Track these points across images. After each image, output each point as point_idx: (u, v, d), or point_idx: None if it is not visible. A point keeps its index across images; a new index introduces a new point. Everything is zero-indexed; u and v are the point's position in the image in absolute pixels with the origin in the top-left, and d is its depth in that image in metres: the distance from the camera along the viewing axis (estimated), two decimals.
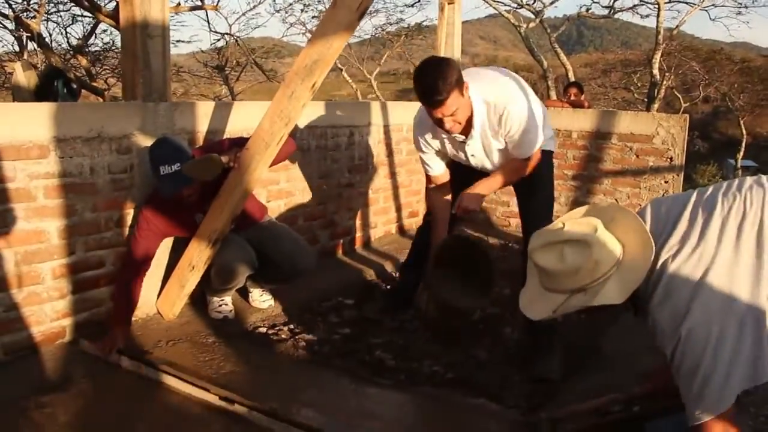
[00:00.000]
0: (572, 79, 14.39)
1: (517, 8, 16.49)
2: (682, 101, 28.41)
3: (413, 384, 2.76)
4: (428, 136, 3.00)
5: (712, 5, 17.11)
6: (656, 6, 15.63)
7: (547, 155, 3.05)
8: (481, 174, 3.06)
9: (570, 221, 1.86)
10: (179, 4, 11.20)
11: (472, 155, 2.97)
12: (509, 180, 3.00)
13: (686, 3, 17.01)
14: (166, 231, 3.07)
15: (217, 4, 11.78)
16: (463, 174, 3.09)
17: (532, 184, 3.04)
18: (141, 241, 2.99)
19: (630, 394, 2.27)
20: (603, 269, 1.75)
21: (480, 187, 2.94)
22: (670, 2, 16.54)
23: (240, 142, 2.99)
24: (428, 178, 3.17)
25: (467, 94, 2.69)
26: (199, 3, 11.62)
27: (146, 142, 3.07)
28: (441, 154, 3.06)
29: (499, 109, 2.77)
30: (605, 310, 1.87)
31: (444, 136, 2.92)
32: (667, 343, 1.71)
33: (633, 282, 1.75)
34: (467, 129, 2.82)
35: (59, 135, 2.76)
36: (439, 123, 2.71)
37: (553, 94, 14.73)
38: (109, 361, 2.76)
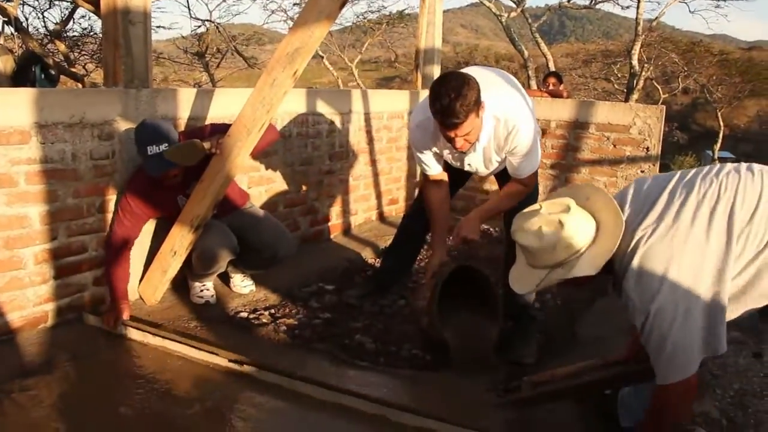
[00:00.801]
0: (552, 68, 14.48)
1: None
2: (661, 92, 28.66)
3: (393, 366, 2.82)
4: (427, 141, 2.90)
5: None
6: None
7: None
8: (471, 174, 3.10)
9: (546, 202, 1.98)
10: None
11: (469, 164, 2.95)
12: (508, 205, 2.97)
13: None
14: (149, 212, 3.11)
15: None
16: (456, 173, 3.11)
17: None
18: (125, 222, 3.04)
19: (605, 359, 2.39)
20: (578, 245, 1.88)
21: (478, 214, 2.90)
22: None
23: (222, 129, 3.03)
24: (426, 175, 3.09)
25: (482, 114, 2.62)
26: None
27: (128, 128, 3.09)
28: (437, 156, 2.99)
29: (509, 126, 2.72)
30: (587, 284, 2.01)
31: (447, 145, 2.81)
32: (637, 317, 1.83)
33: (605, 254, 1.86)
34: None
35: (40, 121, 2.77)
36: (450, 140, 2.64)
37: (534, 84, 14.80)
38: (115, 333, 2.90)
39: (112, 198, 3.11)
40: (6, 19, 9.41)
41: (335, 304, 3.46)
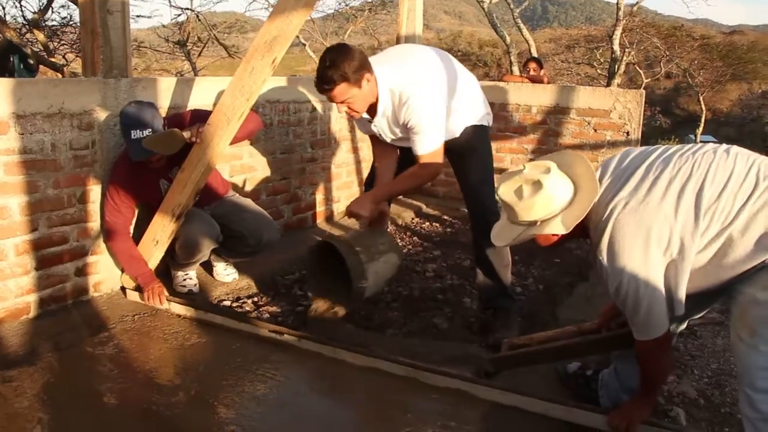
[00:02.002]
0: (534, 54, 14.50)
1: None
2: (644, 77, 28.77)
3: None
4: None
5: None
6: None
7: (481, 130, 3.04)
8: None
9: (530, 164, 2.08)
10: None
11: (380, 134, 2.99)
12: (404, 186, 2.98)
13: None
14: (134, 200, 3.13)
15: None
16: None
17: (468, 161, 3.06)
18: (115, 208, 3.08)
19: (580, 328, 2.53)
20: (554, 205, 1.98)
21: (372, 193, 2.96)
22: None
23: (203, 115, 3.03)
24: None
25: (368, 85, 2.70)
26: None
27: (108, 118, 3.08)
28: (361, 123, 3.07)
29: (403, 98, 2.75)
30: (558, 244, 2.13)
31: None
32: (611, 283, 1.96)
33: (577, 217, 1.96)
34: (373, 111, 2.84)
35: (18, 111, 2.75)
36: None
37: (516, 70, 14.83)
38: (158, 307, 3.09)
39: (93, 188, 3.10)
40: None
41: None
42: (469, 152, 3.00)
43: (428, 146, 2.79)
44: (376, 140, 3.10)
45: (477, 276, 3.14)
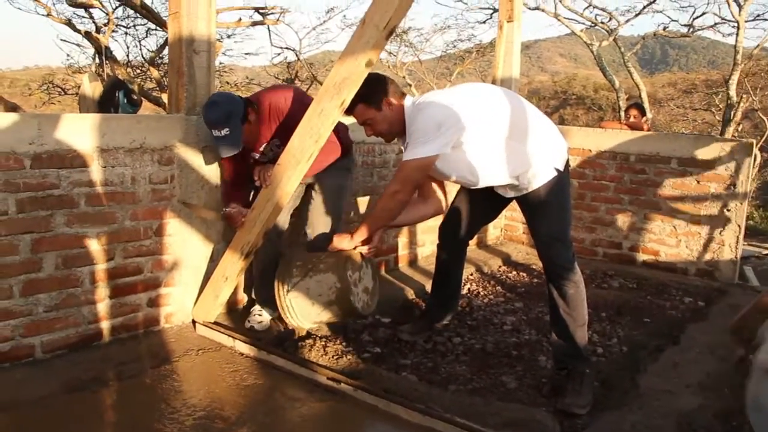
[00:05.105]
0: (645, 99, 13.97)
1: (590, 27, 16.16)
2: None
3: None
4: None
5: None
6: (736, 24, 15.00)
7: (552, 183, 2.83)
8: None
9: None
10: (240, 19, 11.63)
11: None
12: (382, 207, 2.89)
13: None
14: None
15: (277, 20, 12.08)
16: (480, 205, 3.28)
17: (538, 214, 2.91)
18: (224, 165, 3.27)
19: None
20: None
21: (356, 228, 3.00)
22: (754, 20, 15.84)
23: (279, 104, 3.12)
24: None
25: (390, 110, 2.82)
26: (261, 19, 11.95)
27: (188, 154, 3.16)
28: None
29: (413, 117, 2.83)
30: None
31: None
32: None
33: None
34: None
35: (102, 145, 2.86)
36: None
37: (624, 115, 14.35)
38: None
39: (169, 221, 3.16)
40: (97, 49, 10.06)
41: (388, 338, 3.37)
42: (539, 206, 2.85)
43: (411, 154, 2.74)
44: None
45: (551, 334, 2.95)
